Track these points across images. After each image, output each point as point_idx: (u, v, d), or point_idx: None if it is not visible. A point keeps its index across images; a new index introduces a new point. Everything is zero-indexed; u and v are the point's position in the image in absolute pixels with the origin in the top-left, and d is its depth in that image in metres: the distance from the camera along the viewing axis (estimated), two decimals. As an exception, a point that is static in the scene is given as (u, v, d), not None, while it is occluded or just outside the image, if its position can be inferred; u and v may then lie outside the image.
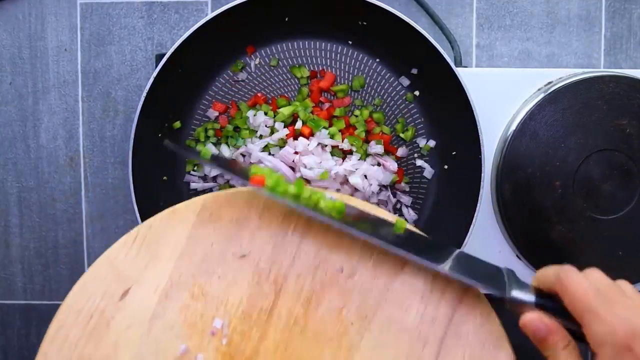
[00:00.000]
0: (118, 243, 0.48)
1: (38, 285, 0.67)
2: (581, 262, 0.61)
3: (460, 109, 0.57)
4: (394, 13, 0.56)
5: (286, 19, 0.61)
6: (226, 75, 0.64)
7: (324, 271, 0.47)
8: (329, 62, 0.63)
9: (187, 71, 0.60)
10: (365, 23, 0.60)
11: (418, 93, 0.63)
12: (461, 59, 0.63)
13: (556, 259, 0.61)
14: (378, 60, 0.63)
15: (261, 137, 0.62)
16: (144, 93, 0.57)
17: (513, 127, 0.60)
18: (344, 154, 0.62)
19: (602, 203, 0.61)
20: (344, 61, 0.63)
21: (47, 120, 0.66)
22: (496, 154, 0.62)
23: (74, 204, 0.67)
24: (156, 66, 0.57)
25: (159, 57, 0.57)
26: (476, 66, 0.66)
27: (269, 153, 0.61)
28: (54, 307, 0.46)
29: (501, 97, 0.62)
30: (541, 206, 0.60)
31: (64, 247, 0.67)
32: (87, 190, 0.67)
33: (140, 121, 0.57)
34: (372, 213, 0.49)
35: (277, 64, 0.63)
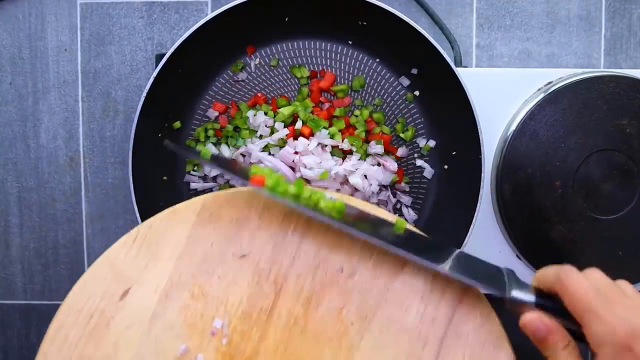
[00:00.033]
0: (118, 243, 0.48)
1: (38, 285, 0.67)
2: (581, 262, 0.61)
3: (460, 109, 0.57)
4: (394, 13, 0.56)
5: (286, 19, 0.61)
6: (226, 75, 0.64)
7: (324, 271, 0.47)
8: (329, 62, 0.63)
9: (187, 71, 0.60)
10: (365, 23, 0.60)
11: (418, 93, 0.63)
12: (461, 59, 0.63)
13: (556, 259, 0.61)
14: (378, 60, 0.63)
15: (261, 137, 0.61)
16: (144, 93, 0.57)
17: (513, 127, 0.60)
18: (344, 154, 0.62)
19: (602, 203, 0.61)
20: (344, 61, 0.63)
21: (47, 120, 0.66)
22: (496, 154, 0.62)
23: (74, 204, 0.67)
24: (156, 66, 0.57)
25: (159, 57, 0.57)
26: (476, 66, 0.66)
27: (269, 153, 0.61)
28: (54, 307, 0.46)
29: (501, 97, 0.62)
30: (541, 206, 0.60)
31: (64, 247, 0.67)
32: (87, 190, 0.67)
33: (140, 121, 0.57)
34: (372, 213, 0.49)
35: (277, 64, 0.63)
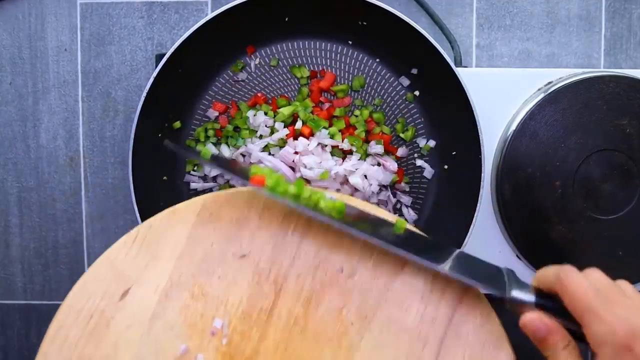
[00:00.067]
0: (118, 243, 0.48)
1: (38, 285, 0.67)
2: (581, 262, 0.61)
3: (460, 109, 0.57)
4: (394, 13, 0.56)
5: (286, 19, 0.61)
6: (226, 75, 0.64)
7: (324, 271, 0.47)
8: (329, 62, 0.63)
9: (187, 71, 0.60)
10: (365, 23, 0.60)
11: (418, 93, 0.63)
12: (461, 59, 0.63)
13: (556, 259, 0.61)
14: (378, 60, 0.63)
15: (261, 137, 0.61)
16: (144, 93, 0.57)
17: (513, 127, 0.60)
18: (344, 154, 0.62)
19: (602, 203, 0.61)
20: (344, 61, 0.63)
21: (47, 120, 0.66)
22: (496, 154, 0.62)
23: (74, 204, 0.67)
24: (156, 66, 0.57)
25: (159, 57, 0.57)
26: (476, 66, 0.66)
27: (269, 153, 0.61)
28: (54, 307, 0.46)
29: (501, 97, 0.62)
30: (541, 206, 0.60)
31: (64, 247, 0.67)
32: (87, 190, 0.67)
33: (140, 121, 0.57)
34: (372, 213, 0.49)
35: (277, 64, 0.63)
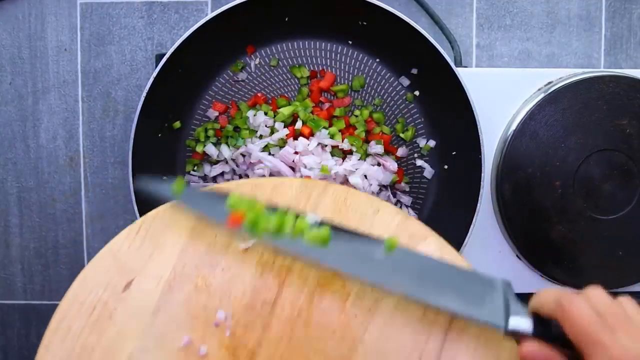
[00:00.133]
0: (121, 234, 0.48)
1: (38, 285, 0.67)
2: (581, 262, 0.62)
3: (460, 109, 0.57)
4: (394, 13, 0.56)
5: (286, 19, 0.61)
6: (226, 75, 0.63)
7: None
8: (329, 62, 0.63)
9: (187, 71, 0.60)
10: (365, 23, 0.60)
11: (418, 93, 0.63)
12: (461, 59, 0.63)
13: (556, 259, 0.62)
14: (378, 60, 0.63)
15: (261, 137, 0.61)
16: (144, 93, 0.57)
17: (513, 127, 0.60)
18: (344, 154, 0.62)
19: (602, 203, 0.61)
20: (344, 61, 0.63)
21: (47, 120, 0.66)
22: (496, 154, 0.62)
23: (74, 204, 0.67)
24: (156, 66, 0.57)
25: (159, 57, 0.57)
26: (476, 66, 0.66)
27: (269, 153, 0.61)
28: (54, 307, 0.46)
29: (501, 97, 0.62)
30: (541, 206, 0.60)
31: (64, 247, 0.67)
32: (87, 190, 0.67)
33: (140, 121, 0.57)
34: (362, 230, 0.47)
35: (277, 64, 0.63)
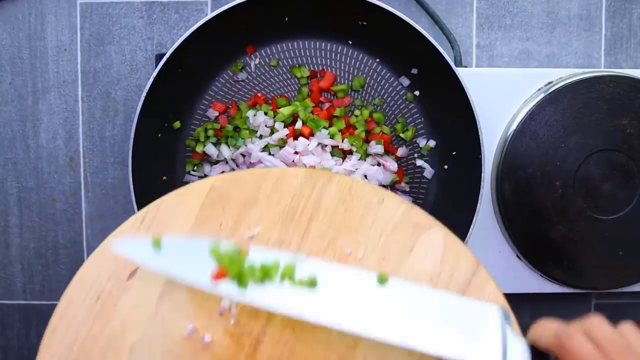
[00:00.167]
0: (125, 224, 0.47)
1: (38, 285, 0.67)
2: (581, 262, 0.62)
3: (460, 109, 0.57)
4: (394, 13, 0.56)
5: (286, 19, 0.61)
6: (226, 75, 0.63)
7: (333, 252, 0.47)
8: (329, 62, 0.63)
9: (187, 71, 0.60)
10: (365, 23, 0.60)
11: (418, 93, 0.63)
12: (461, 59, 0.63)
13: (556, 259, 0.62)
14: (378, 60, 0.63)
15: (261, 137, 0.61)
16: (144, 93, 0.57)
17: (513, 127, 0.60)
18: (344, 154, 0.62)
19: (602, 203, 0.61)
20: (344, 61, 0.63)
21: (47, 120, 0.66)
22: (496, 154, 0.62)
23: (74, 204, 0.67)
24: (156, 66, 0.57)
25: (159, 57, 0.57)
26: (476, 66, 0.66)
27: (269, 153, 0.61)
28: (54, 307, 0.46)
29: (501, 97, 0.62)
30: (541, 206, 0.60)
31: (64, 247, 0.67)
32: (87, 190, 0.67)
33: (140, 121, 0.57)
34: (351, 267, 0.46)
35: (277, 64, 0.63)
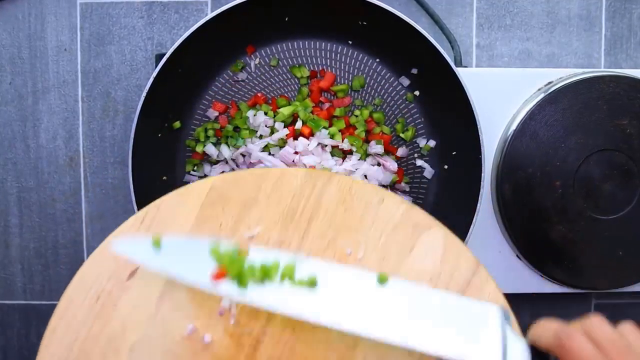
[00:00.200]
0: (125, 224, 0.47)
1: (38, 285, 0.67)
2: (581, 262, 0.62)
3: (460, 109, 0.57)
4: (394, 13, 0.56)
5: (286, 19, 0.61)
6: (226, 75, 0.63)
7: (333, 252, 0.47)
8: (329, 62, 0.63)
9: (187, 71, 0.60)
10: (365, 23, 0.60)
11: (418, 93, 0.63)
12: (461, 59, 0.63)
13: (556, 259, 0.62)
14: (378, 60, 0.63)
15: (261, 137, 0.61)
16: (144, 93, 0.57)
17: (513, 127, 0.60)
18: (344, 154, 0.62)
19: (602, 203, 0.61)
20: (344, 61, 0.63)
21: (47, 120, 0.66)
22: (496, 154, 0.62)
23: (74, 204, 0.67)
24: (156, 66, 0.57)
25: (159, 57, 0.57)
26: (476, 66, 0.66)
27: (269, 153, 0.61)
28: (54, 308, 0.46)
29: (501, 97, 0.62)
30: (541, 206, 0.60)
31: (64, 247, 0.67)
32: (87, 190, 0.67)
33: (140, 121, 0.57)
34: (350, 267, 0.46)
35: (277, 64, 0.63)
